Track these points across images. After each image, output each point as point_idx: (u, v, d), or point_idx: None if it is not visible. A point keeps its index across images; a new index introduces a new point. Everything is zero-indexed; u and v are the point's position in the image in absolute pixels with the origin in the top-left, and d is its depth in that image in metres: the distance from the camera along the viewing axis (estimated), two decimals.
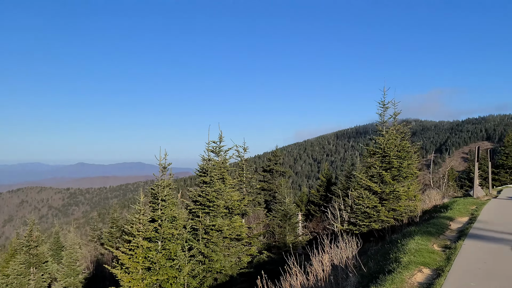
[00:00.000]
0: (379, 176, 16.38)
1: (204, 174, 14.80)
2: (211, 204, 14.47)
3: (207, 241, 14.32)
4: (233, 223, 15.12)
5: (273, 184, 48.57)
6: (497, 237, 8.24)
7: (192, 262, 13.50)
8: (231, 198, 15.48)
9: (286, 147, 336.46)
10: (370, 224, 15.68)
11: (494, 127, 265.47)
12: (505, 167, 48.11)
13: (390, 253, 7.42)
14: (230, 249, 15.11)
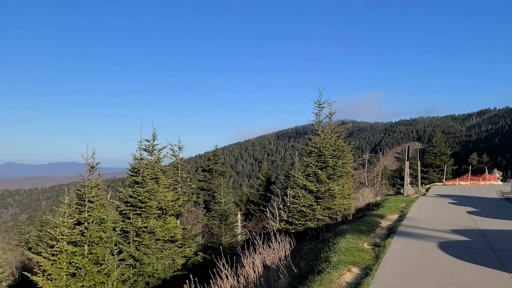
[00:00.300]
0: (315, 175, 16.49)
1: (136, 174, 14.14)
2: (143, 205, 13.85)
3: (139, 243, 13.69)
4: (167, 224, 14.58)
5: (212, 184, 48.10)
6: (424, 234, 8.42)
7: (122, 266, 12.80)
8: (165, 199, 14.93)
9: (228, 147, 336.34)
10: (306, 222, 15.73)
11: (424, 128, 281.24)
12: (433, 166, 50.84)
13: (321, 252, 7.33)
14: (164, 252, 14.55)
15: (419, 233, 8.52)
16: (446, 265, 5.97)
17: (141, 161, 14.31)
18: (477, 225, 9.60)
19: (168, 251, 14.72)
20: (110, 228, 12.78)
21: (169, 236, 14.70)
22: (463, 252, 6.78)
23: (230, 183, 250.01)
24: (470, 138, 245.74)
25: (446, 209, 13.34)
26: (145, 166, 14.32)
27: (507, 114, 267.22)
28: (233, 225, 41.22)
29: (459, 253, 6.68)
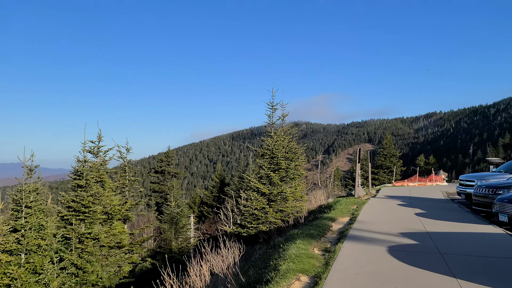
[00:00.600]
0: (268, 177, 16.30)
1: (79, 177, 13.38)
2: (87, 210, 13.12)
3: (82, 251, 12.93)
4: (113, 229, 13.90)
5: (165, 186, 47.09)
6: (374, 238, 8.36)
7: (62, 275, 12.04)
8: (111, 203, 14.24)
9: (182, 148, 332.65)
10: (259, 226, 15.50)
11: (375, 130, 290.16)
12: (383, 167, 52.26)
13: (271, 259, 7.08)
14: (109, 258, 13.86)
15: (369, 237, 8.46)
16: (396, 271, 5.87)
17: (85, 164, 13.55)
18: (424, 228, 9.69)
19: (114, 258, 14.04)
20: (50, 235, 12.02)
21: (115, 242, 14.03)
22: (412, 257, 6.73)
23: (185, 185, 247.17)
24: (418, 140, 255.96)
25: (395, 211, 13.50)
26: (89, 169, 13.58)
27: (451, 117, 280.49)
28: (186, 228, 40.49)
29: (408, 258, 6.62)
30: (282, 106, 16.90)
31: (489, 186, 12.31)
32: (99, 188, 13.67)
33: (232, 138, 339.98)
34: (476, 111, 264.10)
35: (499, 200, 10.21)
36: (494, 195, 11.86)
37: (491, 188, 12.14)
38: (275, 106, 16.68)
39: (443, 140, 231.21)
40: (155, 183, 46.94)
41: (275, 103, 16.68)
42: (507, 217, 9.64)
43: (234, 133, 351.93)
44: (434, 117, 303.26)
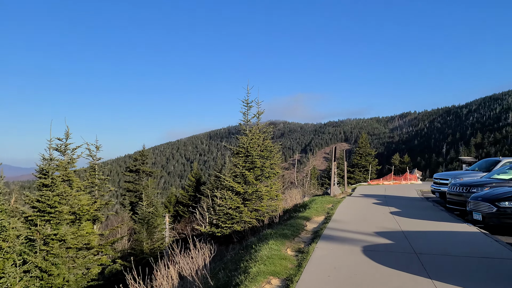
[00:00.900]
0: (243, 176, 16.00)
1: (45, 175, 12.80)
2: (53, 210, 12.55)
3: (47, 253, 12.37)
4: (80, 230, 13.36)
5: (139, 185, 46.27)
6: (348, 238, 8.16)
7: (26, 278, 11.49)
8: (79, 203, 13.69)
9: (159, 146, 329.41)
10: (233, 225, 15.19)
11: (351, 129, 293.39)
12: (359, 166, 52.63)
13: (242, 261, 6.78)
14: (76, 261, 13.32)
15: (344, 237, 8.25)
16: (371, 273, 5.65)
17: (51, 162, 12.97)
18: (399, 227, 9.56)
19: (82, 260, 13.49)
20: (13, 236, 11.43)
21: (83, 243, 13.49)
22: (388, 257, 6.54)
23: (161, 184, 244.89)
24: (393, 139, 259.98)
25: (370, 209, 13.39)
26: (55, 167, 13.01)
27: (425, 117, 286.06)
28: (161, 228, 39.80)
29: (383, 259, 6.43)
30: (257, 104, 16.64)
31: (463, 185, 12.32)
32: (66, 187, 13.12)
33: (210, 137, 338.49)
34: (449, 111, 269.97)
35: (473, 198, 10.17)
36: (468, 193, 11.85)
37: (465, 186, 12.15)
38: (250, 104, 16.40)
39: (418, 140, 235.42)
40: (130, 182, 46.05)
41: (250, 101, 16.40)
42: (481, 216, 9.59)
43: (211, 132, 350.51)
44: (409, 117, 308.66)
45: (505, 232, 9.45)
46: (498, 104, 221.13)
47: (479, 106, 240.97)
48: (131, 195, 45.17)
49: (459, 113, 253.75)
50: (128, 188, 45.55)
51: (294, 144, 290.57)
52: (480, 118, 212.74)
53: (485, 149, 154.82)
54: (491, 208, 9.36)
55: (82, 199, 13.86)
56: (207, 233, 16.07)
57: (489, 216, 9.40)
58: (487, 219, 9.45)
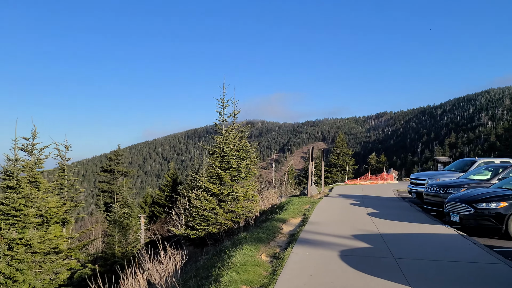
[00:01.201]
0: (218, 176, 15.64)
1: (9, 177, 12.16)
2: (18, 214, 11.92)
3: (11, 258, 11.76)
4: (48, 234, 12.77)
5: (114, 185, 45.31)
6: (326, 241, 7.91)
7: None
8: (46, 205, 13.08)
9: (135, 146, 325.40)
10: (208, 227, 14.80)
11: (328, 129, 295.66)
12: (336, 166, 52.83)
13: (214, 268, 6.44)
14: (43, 266, 12.72)
15: (320, 240, 7.99)
16: (348, 281, 5.39)
17: (16, 163, 12.34)
18: (377, 229, 9.37)
19: (50, 265, 12.89)
20: None
21: (51, 247, 12.90)
22: (366, 263, 6.29)
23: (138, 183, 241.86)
24: (370, 139, 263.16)
25: (347, 210, 13.22)
26: (21, 168, 12.39)
27: (401, 117, 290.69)
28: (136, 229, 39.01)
29: (362, 264, 6.18)
30: (233, 103, 16.29)
31: (440, 185, 12.25)
32: (32, 189, 12.50)
33: (187, 136, 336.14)
34: (424, 112, 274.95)
35: (451, 199, 10.06)
36: (445, 194, 11.79)
37: (442, 187, 12.08)
38: (226, 103, 16.05)
39: (393, 139, 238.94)
40: (104, 182, 45.03)
41: (226, 100, 16.05)
42: (459, 217, 9.48)
43: (189, 131, 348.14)
44: (385, 117, 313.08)
45: (482, 233, 9.38)
46: (471, 104, 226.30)
47: (453, 107, 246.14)
48: (105, 195, 44.18)
49: (433, 113, 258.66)
50: (102, 189, 44.55)
51: (272, 143, 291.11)
52: (454, 118, 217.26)
53: (459, 148, 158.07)
54: (468, 210, 9.26)
55: (50, 201, 13.25)
56: (182, 235, 15.66)
57: (466, 218, 9.30)
58: (465, 221, 9.35)
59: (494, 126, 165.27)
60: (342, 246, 7.48)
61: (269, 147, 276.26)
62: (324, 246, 7.50)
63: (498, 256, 6.84)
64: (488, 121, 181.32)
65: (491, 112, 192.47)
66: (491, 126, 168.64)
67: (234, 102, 16.29)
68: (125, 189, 43.00)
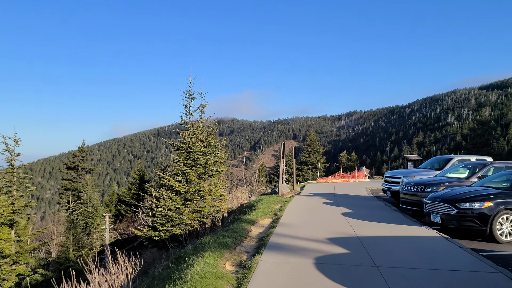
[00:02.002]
0: (184, 174, 14.61)
1: None
2: None
3: None
4: None
5: (78, 183, 43.48)
6: (298, 246, 7.06)
7: None
8: None
9: (104, 143, 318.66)
10: (172, 228, 13.77)
11: (299, 127, 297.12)
12: (307, 164, 52.40)
13: (170, 280, 5.49)
14: None
15: (293, 245, 7.14)
16: None
17: None
18: (354, 231, 8.60)
19: None
20: None
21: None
22: (345, 273, 5.47)
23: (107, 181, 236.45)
24: (340, 137, 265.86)
25: (321, 210, 12.45)
26: None
27: (371, 116, 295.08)
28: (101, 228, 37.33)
29: (340, 275, 5.35)
30: (200, 96, 15.27)
31: (417, 184, 11.63)
32: None
33: (158, 133, 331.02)
34: (393, 111, 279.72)
35: (431, 199, 9.41)
36: (423, 192, 11.18)
37: (419, 185, 11.46)
38: (192, 95, 14.99)
39: (363, 138, 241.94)
40: (68, 180, 43.09)
41: (193, 92, 15.00)
42: (440, 218, 8.82)
43: (160, 129, 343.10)
44: (355, 116, 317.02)
45: (464, 235, 8.77)
46: (438, 104, 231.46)
47: (421, 106, 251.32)
48: (69, 193, 42.32)
49: (402, 112, 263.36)
50: (66, 186, 42.61)
51: (244, 141, 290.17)
52: (422, 118, 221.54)
53: (426, 147, 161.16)
54: (450, 210, 8.60)
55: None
56: (145, 236, 14.58)
57: (448, 219, 8.65)
58: (447, 222, 8.69)
59: (460, 125, 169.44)
60: (317, 252, 6.65)
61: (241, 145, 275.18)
62: (297, 252, 6.66)
63: (489, 262, 6.16)
64: (454, 120, 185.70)
65: (457, 112, 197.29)
66: (457, 126, 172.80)
67: (201, 95, 15.29)
68: (89, 187, 41.26)
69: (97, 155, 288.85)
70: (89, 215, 39.58)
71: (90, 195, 40.16)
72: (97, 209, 39.58)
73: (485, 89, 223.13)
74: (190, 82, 14.97)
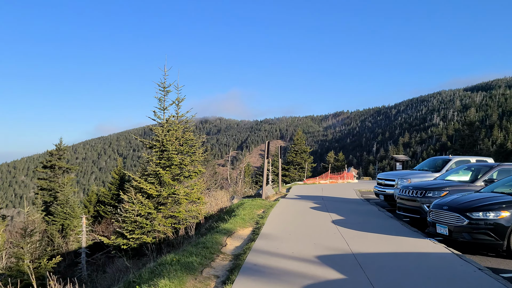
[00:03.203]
0: (157, 175, 13.16)
1: None
2: None
3: None
4: None
5: (55, 183, 41.60)
6: (281, 268, 5.68)
7: None
8: None
9: (90, 141, 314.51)
10: (142, 236, 12.29)
11: (286, 127, 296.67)
12: (294, 164, 51.13)
13: None
14: None
15: (274, 268, 5.75)
16: None
17: None
18: (348, 245, 7.25)
19: None
20: None
21: None
22: None
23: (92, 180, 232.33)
24: (327, 137, 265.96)
25: (308, 217, 11.09)
26: None
27: (357, 117, 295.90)
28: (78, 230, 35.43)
29: None
30: (177, 88, 13.82)
31: (416, 188, 10.32)
32: None
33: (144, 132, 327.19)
34: (380, 112, 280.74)
35: (436, 206, 8.10)
36: (423, 198, 9.89)
37: (419, 189, 10.16)
38: (167, 88, 13.53)
39: (350, 138, 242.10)
40: (44, 179, 41.16)
41: (168, 84, 13.55)
42: (447, 229, 7.53)
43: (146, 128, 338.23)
44: (342, 116, 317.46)
45: (475, 249, 7.50)
46: (424, 105, 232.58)
47: (407, 107, 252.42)
48: (45, 193, 40.44)
49: (388, 113, 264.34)
50: (41, 186, 40.70)
51: (231, 140, 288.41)
52: (408, 118, 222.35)
53: (412, 148, 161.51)
54: (460, 220, 7.31)
55: None
56: (113, 245, 13.08)
57: (458, 231, 7.35)
58: (456, 234, 7.40)
59: (445, 126, 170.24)
60: (305, 277, 5.26)
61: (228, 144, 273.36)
62: (279, 278, 5.26)
63: None
64: (439, 121, 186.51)
65: (442, 113, 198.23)
66: (442, 127, 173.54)
67: (178, 88, 13.85)
68: (67, 186, 39.45)
69: (82, 154, 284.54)
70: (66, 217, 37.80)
71: (67, 196, 38.35)
72: (74, 210, 37.79)
73: (470, 91, 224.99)
74: (165, 73, 13.53)
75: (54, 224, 36.93)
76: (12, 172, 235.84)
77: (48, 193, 40.09)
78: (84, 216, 33.50)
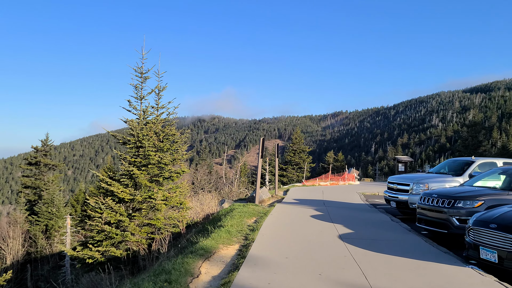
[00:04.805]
0: (131, 176, 11.19)
1: None
2: None
3: None
4: None
5: (40, 181, 39.55)
6: None
7: None
8: None
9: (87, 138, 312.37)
10: (110, 249, 10.34)
11: (285, 127, 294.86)
12: (292, 164, 49.26)
13: None
14: None
15: None
16: None
17: None
18: (366, 278, 5.30)
19: None
20: None
21: None
22: None
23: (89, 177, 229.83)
24: (325, 137, 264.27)
25: (309, 230, 9.12)
26: None
27: (356, 117, 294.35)
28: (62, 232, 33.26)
29: None
30: (157, 75, 11.86)
31: (443, 195, 8.35)
32: None
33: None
34: (378, 112, 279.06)
35: (480, 223, 6.14)
36: (451, 209, 7.94)
37: (447, 198, 8.19)
38: (145, 74, 11.56)
39: (348, 138, 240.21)
40: (28, 177, 39.12)
41: (146, 70, 11.58)
42: (497, 255, 5.60)
43: None
44: (341, 116, 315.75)
45: None
46: (423, 106, 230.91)
47: (405, 108, 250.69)
48: (29, 192, 38.44)
49: (387, 114, 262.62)
50: (25, 184, 38.68)
51: (229, 139, 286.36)
52: (407, 119, 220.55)
53: (411, 149, 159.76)
54: None
55: None
56: (76, 257, 11.12)
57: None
58: (510, 263, 5.48)
59: (444, 128, 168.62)
60: None
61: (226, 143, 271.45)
62: None
63: None
64: (438, 123, 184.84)
65: (441, 114, 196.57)
66: (441, 128, 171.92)
67: (158, 74, 11.88)
68: (52, 185, 37.42)
69: (79, 151, 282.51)
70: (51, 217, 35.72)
71: (52, 194, 36.28)
72: (60, 209, 35.74)
73: (469, 92, 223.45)
74: (143, 56, 11.56)
75: (38, 224, 34.90)
76: (8, 168, 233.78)
77: (33, 192, 38.10)
78: (69, 216, 31.40)
